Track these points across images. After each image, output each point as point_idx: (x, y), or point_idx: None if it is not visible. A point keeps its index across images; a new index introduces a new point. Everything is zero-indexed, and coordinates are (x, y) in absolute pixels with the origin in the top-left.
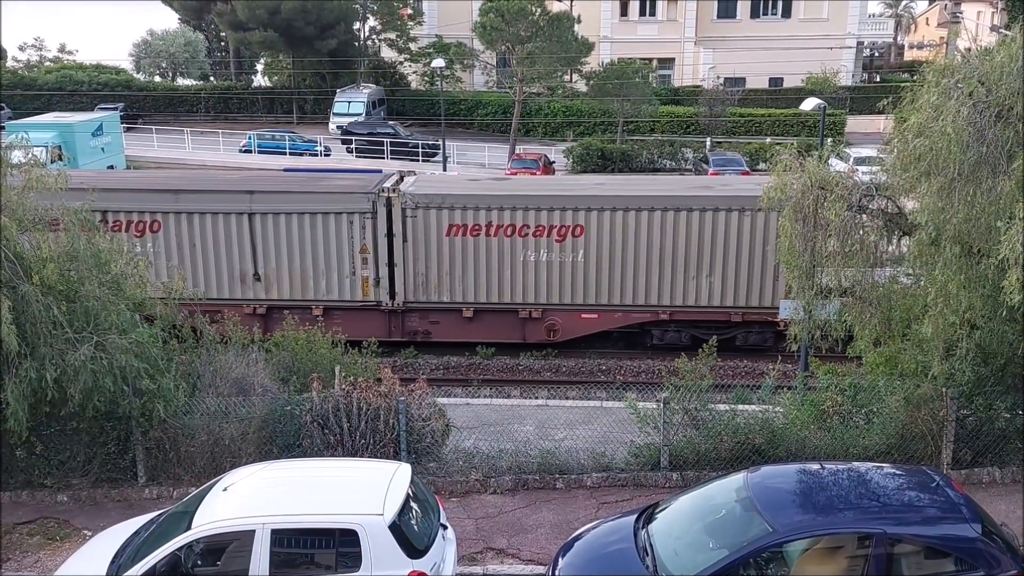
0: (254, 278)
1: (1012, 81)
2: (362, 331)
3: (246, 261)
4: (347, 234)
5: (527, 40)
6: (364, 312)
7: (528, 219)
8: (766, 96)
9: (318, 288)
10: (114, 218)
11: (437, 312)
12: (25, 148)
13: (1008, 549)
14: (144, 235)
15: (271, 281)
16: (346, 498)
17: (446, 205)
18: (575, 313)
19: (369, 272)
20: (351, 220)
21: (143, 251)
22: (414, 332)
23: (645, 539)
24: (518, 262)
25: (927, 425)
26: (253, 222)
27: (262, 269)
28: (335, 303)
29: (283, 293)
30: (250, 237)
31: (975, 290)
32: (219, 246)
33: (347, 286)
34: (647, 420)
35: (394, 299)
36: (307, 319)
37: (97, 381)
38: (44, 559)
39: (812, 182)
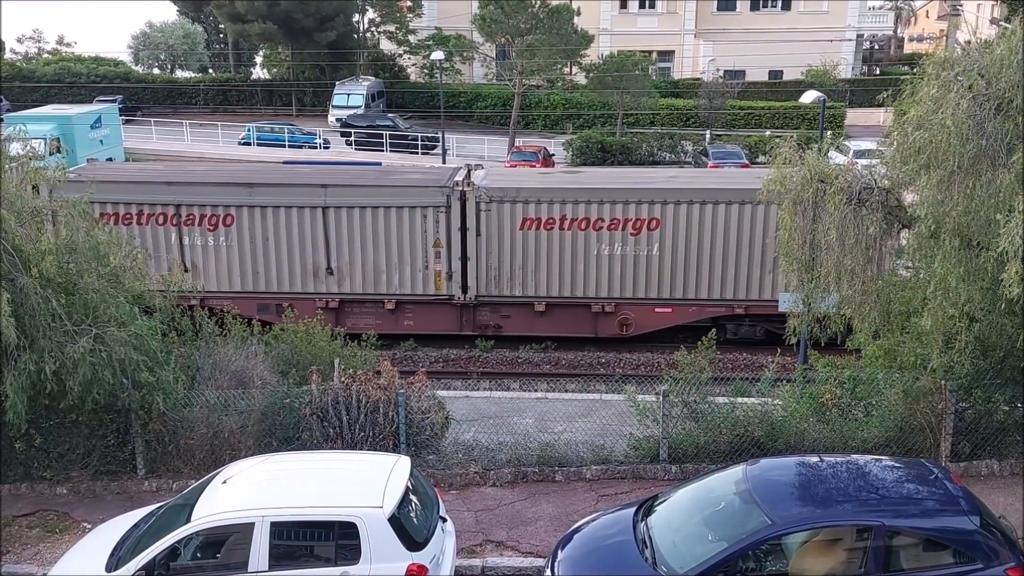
0: (327, 272)
1: (1012, 74)
2: (433, 325)
3: (319, 255)
4: (420, 228)
5: (526, 32)
6: (435, 306)
7: (603, 212)
8: (766, 89)
9: (391, 282)
10: (187, 212)
11: (509, 306)
12: (23, 140)
13: (1006, 541)
14: (217, 229)
15: (344, 275)
16: (345, 491)
17: (520, 199)
18: (648, 307)
19: (442, 266)
20: (425, 214)
21: (215, 244)
22: (485, 326)
23: (644, 531)
24: (592, 256)
25: (926, 418)
26: (327, 216)
27: (335, 263)
28: (407, 297)
29: (355, 287)
30: (324, 231)
31: (974, 283)
32: (292, 240)
33: (419, 280)
34: (646, 413)
35: (466, 293)
36: (379, 313)
37: (96, 374)
38: (44, 551)
39: (812, 175)
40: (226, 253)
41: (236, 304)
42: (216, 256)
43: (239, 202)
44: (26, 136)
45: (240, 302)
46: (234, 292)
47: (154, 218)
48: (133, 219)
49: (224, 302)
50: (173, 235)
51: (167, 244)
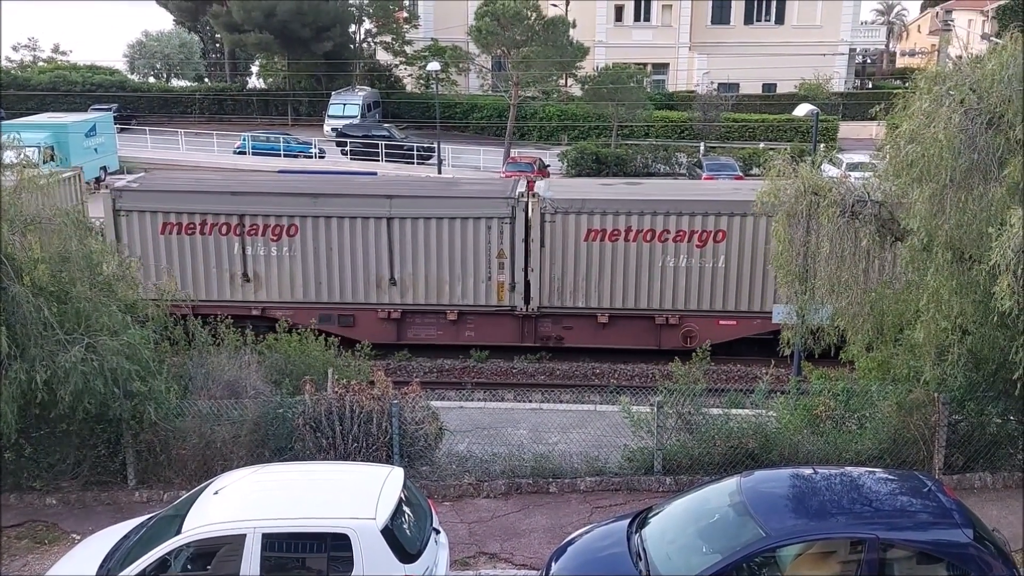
0: (390, 282)
1: (1003, 89)
2: (494, 336)
3: (383, 265)
4: (484, 239)
5: (522, 44)
6: (497, 317)
7: (669, 224)
8: (759, 101)
9: (453, 293)
10: (251, 222)
11: (571, 317)
12: (18, 148)
13: (999, 555)
14: (280, 239)
15: (407, 285)
16: (338, 502)
17: (585, 210)
18: (713, 319)
19: (505, 277)
20: (489, 225)
21: (278, 255)
22: (547, 337)
23: (638, 543)
24: (656, 267)
25: (919, 430)
26: (392, 227)
27: (398, 273)
28: (469, 308)
29: (418, 297)
30: (388, 242)
31: (967, 296)
32: (356, 250)
33: (482, 291)
34: (641, 424)
35: (529, 304)
36: (440, 323)
37: (87, 383)
38: (32, 563)
39: (805, 187)
40: (289, 263)
41: (297, 314)
42: (279, 266)
43: (304, 212)
44: (20, 144)
45: (301, 312)
46: (296, 302)
47: (217, 228)
48: (196, 229)
49: (285, 312)
50: (236, 245)
51: (230, 254)
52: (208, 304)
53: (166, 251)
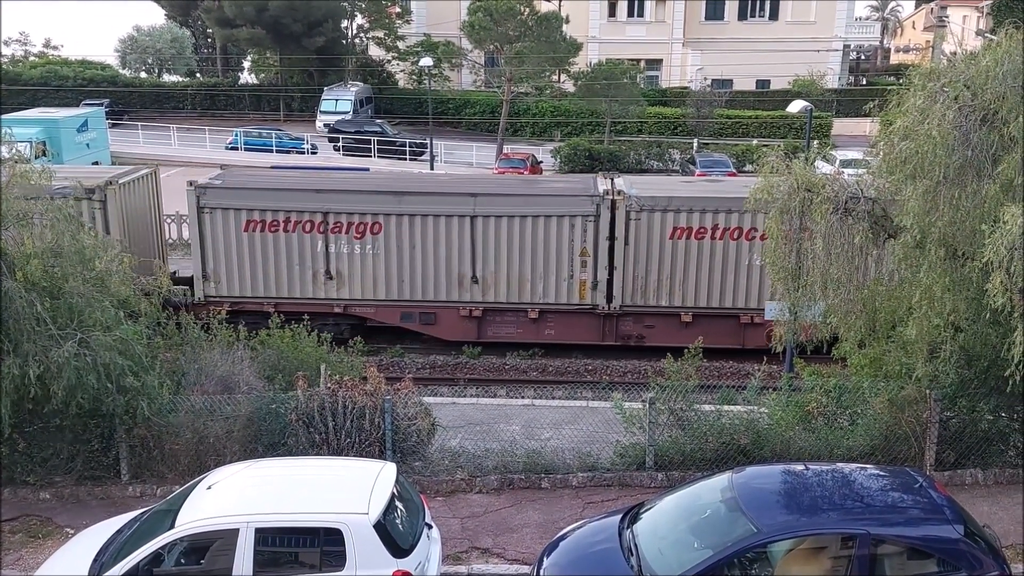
0: (472, 280)
1: (997, 85)
2: (574, 335)
3: (465, 263)
4: (568, 237)
5: (515, 40)
6: (578, 316)
7: (756, 222)
8: (753, 98)
9: (535, 291)
10: (335, 220)
11: (653, 316)
12: (9, 143)
13: (990, 551)
14: (364, 237)
15: (488, 284)
16: (331, 497)
17: (671, 208)
18: None
19: (587, 275)
20: (573, 223)
21: (361, 252)
22: (627, 336)
23: (630, 539)
24: (742, 266)
25: (911, 427)
26: (475, 225)
27: (480, 272)
28: (550, 306)
29: (499, 296)
30: (471, 240)
31: (959, 293)
32: (439, 248)
33: (564, 289)
34: (633, 420)
35: (611, 303)
36: (520, 322)
37: (81, 378)
38: (26, 557)
39: (798, 184)
40: (372, 261)
41: (378, 312)
42: (362, 264)
43: (387, 210)
44: (12, 139)
45: (382, 310)
46: (378, 300)
47: (301, 225)
48: (280, 226)
49: (366, 310)
50: (319, 243)
51: (313, 252)
52: (289, 301)
53: (249, 249)
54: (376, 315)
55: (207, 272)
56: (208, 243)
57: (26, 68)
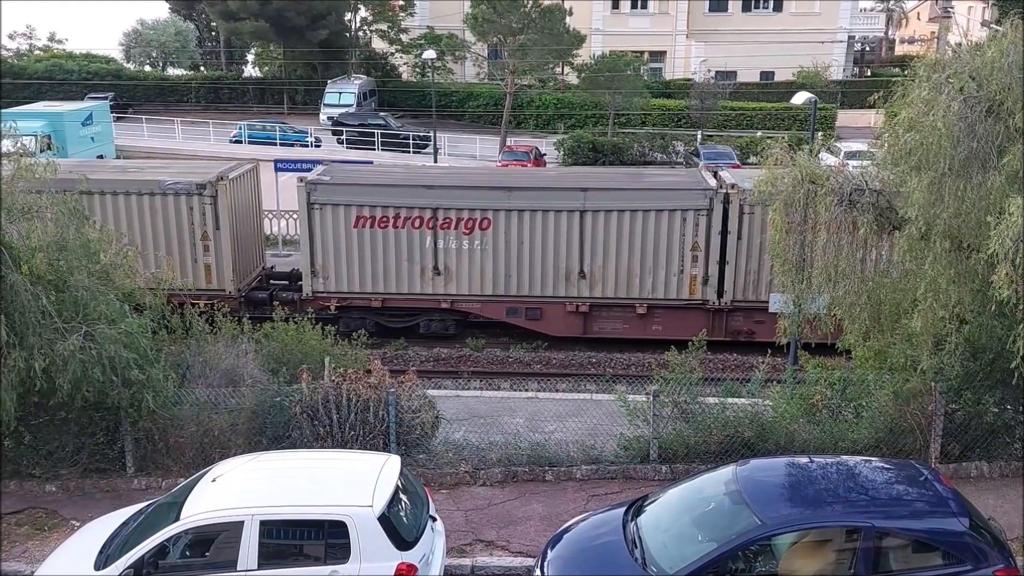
0: (579, 276)
1: (1003, 76)
2: (683, 330)
3: (573, 259)
4: (679, 231)
5: (519, 32)
6: (687, 311)
7: None
8: (757, 90)
9: (643, 286)
10: (444, 215)
11: (763, 311)
12: (14, 137)
13: (995, 543)
14: (472, 232)
15: (596, 279)
16: (335, 490)
17: None
18: None
19: (698, 270)
20: (684, 217)
21: (469, 248)
22: (737, 332)
23: (634, 532)
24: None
25: (916, 419)
26: (584, 220)
27: (588, 267)
28: (659, 301)
29: (607, 291)
30: (580, 235)
31: (964, 285)
32: (547, 244)
33: (673, 284)
34: (637, 413)
35: (721, 298)
36: (627, 317)
37: (86, 371)
38: (32, 549)
39: (803, 176)
40: (480, 257)
41: (484, 307)
42: (469, 260)
43: (497, 206)
44: (17, 133)
45: (489, 305)
46: (484, 296)
47: (410, 221)
48: (390, 222)
49: (472, 305)
50: (428, 239)
51: (421, 248)
52: (397, 297)
53: (358, 245)
54: (482, 310)
55: (315, 268)
56: (317, 239)
57: (31, 62)
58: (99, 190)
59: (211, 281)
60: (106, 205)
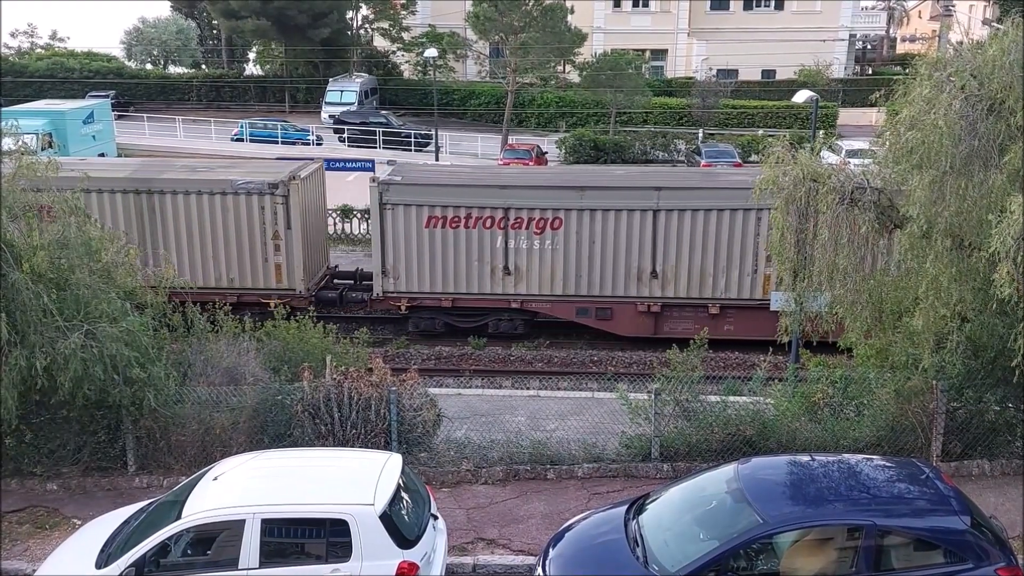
0: (651, 276)
1: (1004, 75)
2: (754, 331)
3: (645, 258)
4: (754, 231)
5: (520, 30)
6: (760, 311)
7: None
8: (759, 88)
9: (716, 286)
10: (516, 215)
11: None
12: (16, 135)
13: (997, 542)
14: (544, 232)
15: (668, 279)
16: (337, 488)
17: None
18: None
19: (772, 270)
20: (760, 216)
21: (540, 248)
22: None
23: (636, 530)
24: None
25: (917, 417)
26: (657, 219)
27: (660, 266)
28: (731, 301)
29: (679, 291)
30: (652, 234)
31: (966, 283)
32: (619, 243)
33: (747, 284)
34: (638, 411)
35: None
36: (699, 317)
37: (87, 369)
38: (33, 547)
39: (804, 174)
40: (551, 256)
41: (554, 307)
42: (540, 259)
43: (569, 205)
44: (18, 131)
45: (559, 305)
46: (554, 296)
47: (482, 221)
48: (461, 222)
49: (542, 305)
50: (499, 238)
51: (492, 247)
52: (467, 297)
53: (429, 245)
54: (551, 310)
55: (386, 268)
56: (389, 239)
57: (32, 60)
58: (170, 190)
59: (281, 280)
60: (177, 204)
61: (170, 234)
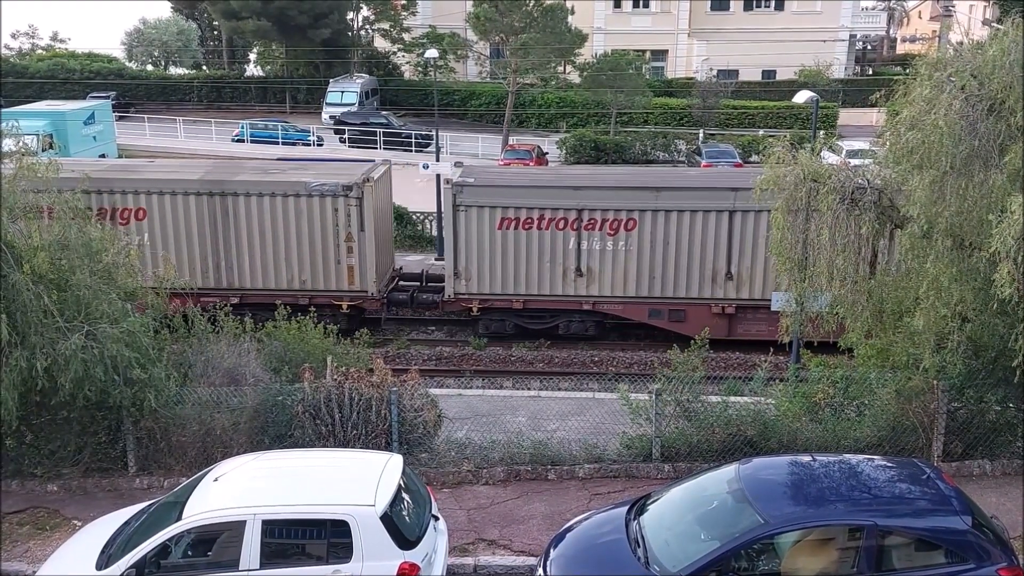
0: (726, 277)
1: (1004, 75)
2: None
3: (720, 259)
4: None
5: (521, 31)
6: None
7: None
8: (759, 88)
9: None
10: (589, 216)
11: None
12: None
13: (998, 541)
14: (617, 233)
15: (743, 280)
16: (337, 489)
17: None
18: None
19: None
20: None
21: (613, 249)
22: None
23: (637, 530)
24: None
25: (918, 417)
26: (733, 220)
27: (735, 268)
28: None
29: (754, 293)
30: (728, 235)
31: (966, 283)
32: (694, 244)
33: None
34: (639, 411)
35: None
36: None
37: (88, 370)
38: (34, 549)
39: (805, 175)
40: (624, 258)
41: (626, 309)
42: (613, 261)
43: (644, 206)
44: (19, 132)
45: (631, 307)
46: (627, 297)
47: (555, 223)
48: (534, 224)
49: (614, 307)
50: (572, 240)
51: (564, 249)
52: (538, 299)
53: (502, 246)
54: (623, 312)
55: (458, 269)
56: (462, 240)
57: (33, 61)
58: (244, 192)
59: (353, 282)
60: (250, 206)
61: (242, 236)
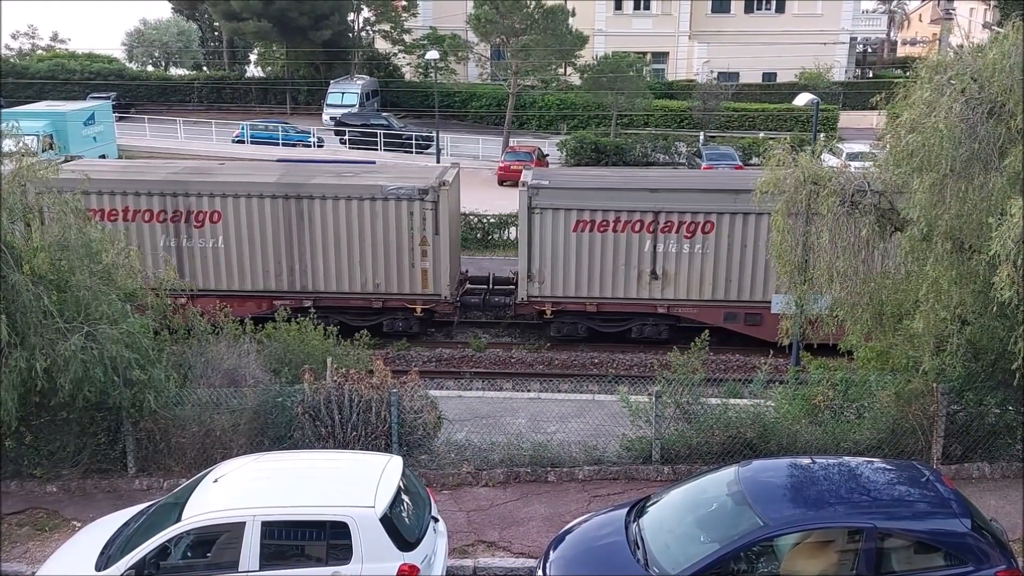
0: None
1: (1004, 78)
2: None
3: None
4: None
5: (521, 33)
6: None
7: None
8: (759, 91)
9: None
10: (665, 219)
11: None
12: (17, 137)
13: (997, 544)
14: (694, 236)
15: None
16: (337, 490)
17: None
18: None
19: None
20: None
21: (690, 252)
22: None
23: (636, 532)
24: None
25: (918, 420)
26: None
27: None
28: None
29: None
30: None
31: (966, 286)
32: None
33: None
34: (639, 413)
35: None
36: None
37: (87, 371)
38: (33, 550)
39: (805, 177)
40: (700, 261)
41: (701, 312)
42: (689, 264)
43: (722, 209)
44: (19, 133)
45: (706, 311)
46: (702, 301)
47: (630, 225)
48: (609, 226)
49: (689, 310)
50: (648, 243)
51: (640, 252)
52: (612, 302)
53: (576, 249)
54: (698, 315)
55: (532, 272)
56: (536, 243)
57: (33, 62)
58: (319, 195)
59: (427, 286)
60: (326, 209)
61: (317, 239)
